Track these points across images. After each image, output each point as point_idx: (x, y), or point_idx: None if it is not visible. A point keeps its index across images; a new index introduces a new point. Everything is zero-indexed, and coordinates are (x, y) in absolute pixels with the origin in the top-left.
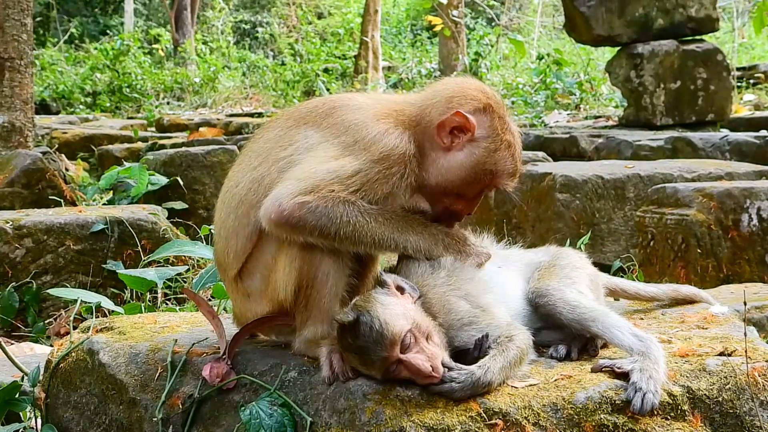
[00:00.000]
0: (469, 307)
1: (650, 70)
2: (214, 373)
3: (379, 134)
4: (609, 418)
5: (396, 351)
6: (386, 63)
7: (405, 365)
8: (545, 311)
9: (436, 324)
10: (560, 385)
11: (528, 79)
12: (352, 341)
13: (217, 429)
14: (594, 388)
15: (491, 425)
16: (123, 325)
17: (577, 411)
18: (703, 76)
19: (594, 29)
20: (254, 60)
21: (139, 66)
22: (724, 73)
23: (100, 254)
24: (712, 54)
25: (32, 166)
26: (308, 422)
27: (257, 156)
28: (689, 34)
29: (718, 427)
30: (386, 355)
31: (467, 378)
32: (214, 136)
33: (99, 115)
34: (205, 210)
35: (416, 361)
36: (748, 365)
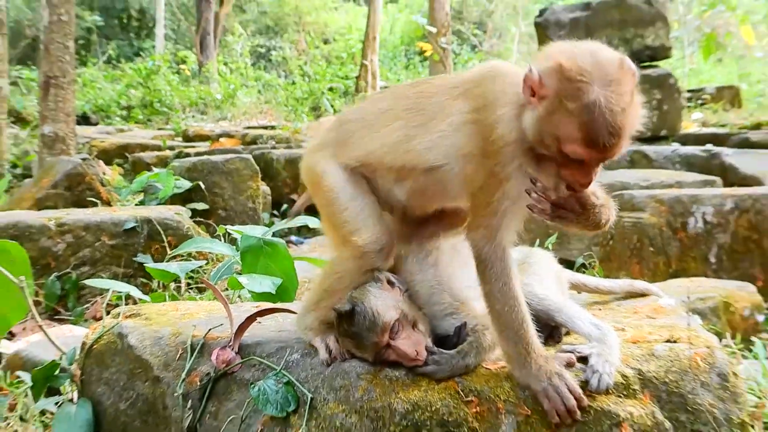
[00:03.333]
0: (451, 300)
1: None
2: (220, 359)
3: None
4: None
5: (386, 337)
6: (383, 83)
7: (393, 349)
8: None
9: (422, 314)
10: None
11: None
12: (347, 328)
13: (229, 403)
14: None
15: (467, 402)
16: (149, 312)
17: None
18: (657, 97)
19: None
20: (268, 79)
21: (168, 84)
22: (676, 94)
23: (131, 248)
24: (666, 78)
25: (73, 171)
26: (309, 398)
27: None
28: (646, 60)
29: (664, 404)
30: (377, 341)
31: (447, 361)
32: (232, 145)
33: (132, 126)
34: (223, 210)
35: (403, 346)
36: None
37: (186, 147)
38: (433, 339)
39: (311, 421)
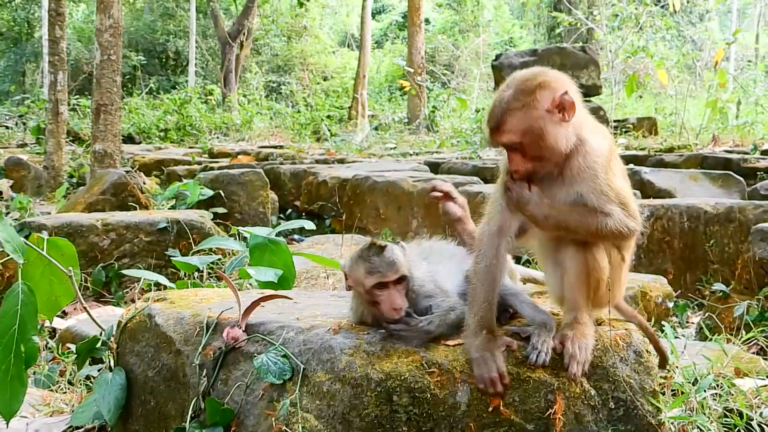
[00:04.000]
0: (433, 287)
1: None
2: (229, 336)
3: None
4: (513, 368)
5: (392, 277)
6: (371, 112)
7: (389, 291)
8: None
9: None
10: None
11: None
12: (372, 256)
13: (237, 372)
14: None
15: (430, 372)
16: (173, 297)
17: None
18: None
19: None
20: (278, 109)
21: (198, 111)
22: (605, 124)
23: (163, 244)
24: (597, 110)
25: (118, 181)
26: (301, 368)
27: None
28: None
29: (590, 376)
30: (387, 274)
31: (415, 324)
32: (248, 161)
33: (168, 145)
34: (239, 214)
35: (396, 294)
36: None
37: (211, 162)
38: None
39: (303, 387)
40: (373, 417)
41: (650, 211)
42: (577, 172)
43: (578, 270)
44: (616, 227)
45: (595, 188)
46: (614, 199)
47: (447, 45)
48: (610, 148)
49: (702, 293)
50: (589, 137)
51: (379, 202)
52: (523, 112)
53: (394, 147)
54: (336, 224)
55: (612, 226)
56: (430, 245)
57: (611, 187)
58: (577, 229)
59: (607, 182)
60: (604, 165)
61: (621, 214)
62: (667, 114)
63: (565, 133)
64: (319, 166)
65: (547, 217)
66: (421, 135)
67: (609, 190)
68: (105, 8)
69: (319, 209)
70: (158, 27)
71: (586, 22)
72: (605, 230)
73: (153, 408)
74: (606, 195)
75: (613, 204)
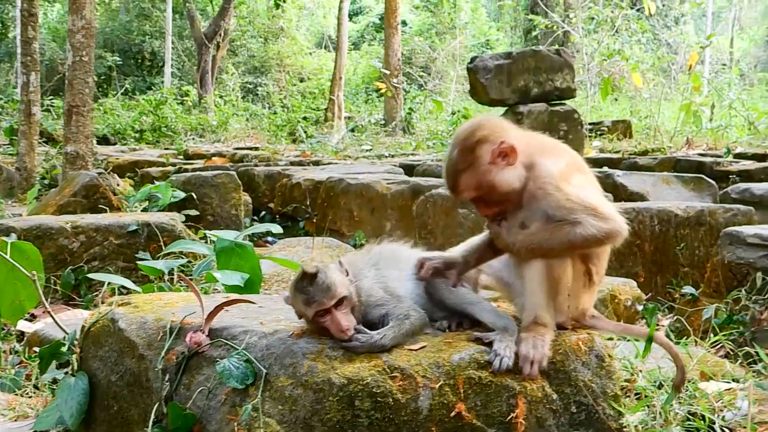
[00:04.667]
0: (383, 294)
1: (528, 124)
2: (192, 341)
3: None
4: (476, 373)
5: (332, 302)
6: (347, 114)
7: (332, 317)
8: (436, 298)
9: (358, 302)
10: (442, 348)
11: (445, 128)
12: (306, 285)
13: (199, 377)
14: (466, 351)
15: (393, 377)
16: (137, 301)
17: (453, 367)
18: (564, 128)
19: (490, 94)
20: (255, 110)
21: (174, 112)
22: (579, 126)
23: (134, 247)
24: (571, 113)
25: (90, 183)
26: (264, 373)
27: None
28: (556, 99)
29: (552, 380)
30: (324, 302)
31: (368, 339)
32: (222, 163)
33: (143, 147)
34: (212, 216)
35: (339, 317)
36: (574, 336)
37: (186, 164)
38: (365, 324)
39: (265, 392)
40: (335, 422)
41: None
42: (533, 195)
43: (537, 271)
44: (589, 233)
45: (552, 205)
46: (578, 207)
47: (424, 47)
48: (567, 164)
49: (672, 296)
50: (539, 161)
51: (353, 205)
52: (470, 171)
53: (370, 149)
54: (309, 226)
55: (584, 232)
56: (380, 250)
57: (570, 198)
58: (552, 245)
59: (565, 196)
60: (555, 184)
61: (591, 220)
62: (641, 117)
63: (514, 174)
64: (293, 168)
65: (520, 244)
66: (398, 137)
67: (568, 201)
68: (77, 9)
69: (292, 211)
70: (134, 27)
71: (562, 25)
72: (579, 238)
73: (116, 413)
74: (566, 207)
75: (579, 213)
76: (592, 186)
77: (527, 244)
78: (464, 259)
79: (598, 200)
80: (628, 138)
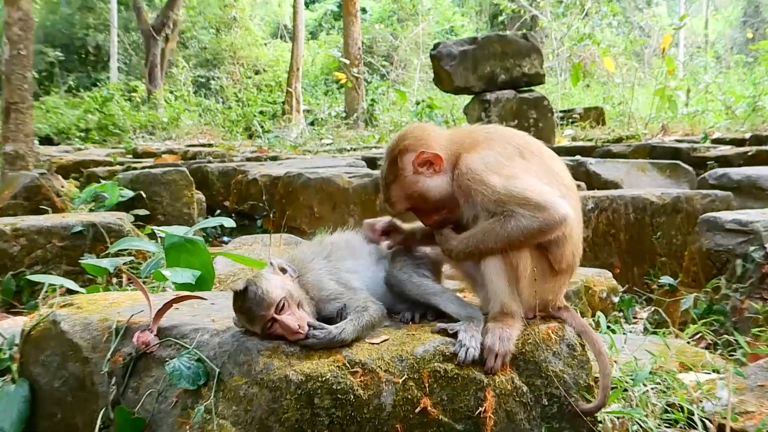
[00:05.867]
0: (336, 287)
1: (495, 112)
2: (140, 341)
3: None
4: (441, 366)
5: (271, 311)
6: (306, 107)
7: (278, 323)
8: (397, 290)
9: (308, 297)
10: (405, 341)
11: (409, 119)
12: (241, 304)
13: (148, 379)
14: (430, 344)
15: (353, 372)
16: (81, 302)
17: (417, 360)
18: (534, 116)
19: (454, 82)
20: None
21: (121, 109)
22: (549, 114)
23: (79, 249)
24: (540, 100)
25: (31, 184)
26: (216, 372)
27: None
28: (524, 86)
29: (522, 371)
30: (263, 314)
31: (326, 335)
32: (173, 161)
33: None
34: (162, 215)
35: (286, 320)
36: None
37: (135, 162)
38: (321, 320)
39: (219, 393)
40: (294, 421)
41: (595, 203)
42: (461, 194)
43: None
44: (523, 225)
45: (479, 200)
46: (507, 199)
47: (385, 35)
48: (499, 154)
49: (650, 287)
50: (463, 158)
51: (313, 200)
52: (397, 183)
53: (330, 143)
54: (267, 224)
55: (518, 225)
56: (332, 241)
57: (496, 191)
58: (488, 245)
59: (491, 189)
60: (480, 177)
61: (522, 210)
62: (615, 103)
63: (441, 181)
64: (249, 164)
65: (457, 250)
66: (360, 129)
67: (494, 194)
68: (13, 0)
69: (249, 209)
70: (76, 20)
71: (529, 9)
72: (515, 232)
73: (59, 421)
74: (493, 201)
75: (509, 204)
76: (531, 173)
77: (464, 248)
78: (411, 231)
79: (532, 188)
80: (601, 125)
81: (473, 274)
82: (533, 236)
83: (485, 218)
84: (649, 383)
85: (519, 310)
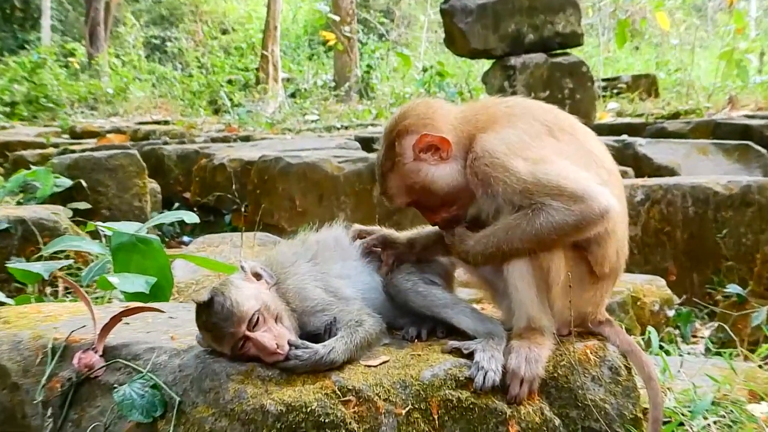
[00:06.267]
0: (324, 296)
1: (522, 81)
2: (82, 363)
3: None
4: (453, 393)
5: (243, 328)
6: (285, 75)
7: (252, 341)
8: (399, 300)
9: (288, 308)
10: (410, 363)
11: (414, 90)
12: (206, 319)
13: (92, 410)
14: (440, 366)
15: (345, 401)
16: (8, 315)
17: (424, 387)
18: (569, 86)
19: (471, 43)
20: (163, 72)
21: (56, 78)
22: (589, 83)
23: (5, 251)
24: (578, 66)
25: None
26: (176, 401)
27: None
28: (557, 48)
29: (554, 400)
30: (233, 331)
31: (311, 356)
32: (121, 141)
33: (16, 124)
34: (107, 210)
35: (261, 338)
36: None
37: (72, 144)
38: (305, 336)
39: (179, 427)
40: None
41: (645, 194)
42: (478, 185)
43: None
44: (555, 220)
45: (502, 190)
46: (536, 189)
47: None
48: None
49: (713, 298)
50: (479, 138)
51: (295, 191)
52: (395, 173)
53: (316, 119)
54: (238, 221)
55: (550, 220)
56: (318, 240)
57: (522, 178)
58: (513, 245)
59: (515, 176)
60: (501, 162)
61: (555, 203)
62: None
63: (450, 169)
64: (215, 146)
65: (474, 252)
66: (353, 103)
67: (520, 183)
68: None
69: (215, 202)
70: None
71: None
72: (546, 229)
73: None
74: (519, 191)
75: (538, 195)
76: (564, 155)
77: (483, 249)
78: (408, 242)
79: (566, 175)
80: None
81: (494, 281)
82: (568, 233)
83: (509, 213)
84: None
85: (550, 325)
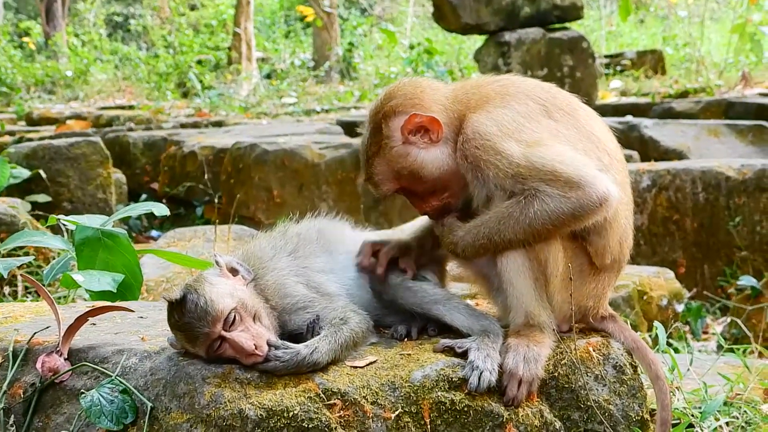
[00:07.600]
0: (306, 292)
1: (517, 58)
2: (46, 367)
3: None
4: (446, 395)
5: (218, 327)
6: (260, 54)
7: (228, 342)
8: (388, 297)
9: (268, 306)
10: (399, 364)
11: (401, 69)
12: (178, 318)
13: (58, 417)
14: (431, 367)
15: (330, 405)
16: None
17: (415, 389)
18: (569, 63)
19: (462, 18)
20: (127, 52)
21: (9, 60)
22: (590, 60)
23: None
24: (578, 41)
25: None
26: (148, 407)
27: None
28: (555, 22)
29: (554, 401)
30: (208, 331)
31: (292, 357)
32: (82, 128)
33: None
34: (69, 202)
35: (239, 339)
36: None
37: (29, 132)
38: (286, 336)
39: None
40: None
41: (651, 180)
42: (468, 168)
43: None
44: (551, 208)
45: (493, 175)
46: (530, 174)
47: None
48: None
49: (725, 291)
50: (469, 119)
51: (272, 180)
52: (382, 157)
53: (294, 102)
54: (210, 213)
55: (545, 208)
56: (299, 232)
57: (513, 162)
58: (505, 236)
59: (507, 160)
60: (492, 144)
61: (550, 189)
62: (678, 45)
63: (440, 153)
64: (185, 133)
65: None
66: (334, 84)
67: (512, 167)
68: None
69: (186, 193)
70: None
71: None
72: (540, 218)
73: None
74: (512, 176)
75: (532, 181)
76: (561, 138)
77: (473, 240)
78: (418, 243)
79: (562, 158)
80: (661, 75)
81: (488, 275)
82: (564, 222)
83: (501, 200)
84: (723, 417)
85: (549, 321)
